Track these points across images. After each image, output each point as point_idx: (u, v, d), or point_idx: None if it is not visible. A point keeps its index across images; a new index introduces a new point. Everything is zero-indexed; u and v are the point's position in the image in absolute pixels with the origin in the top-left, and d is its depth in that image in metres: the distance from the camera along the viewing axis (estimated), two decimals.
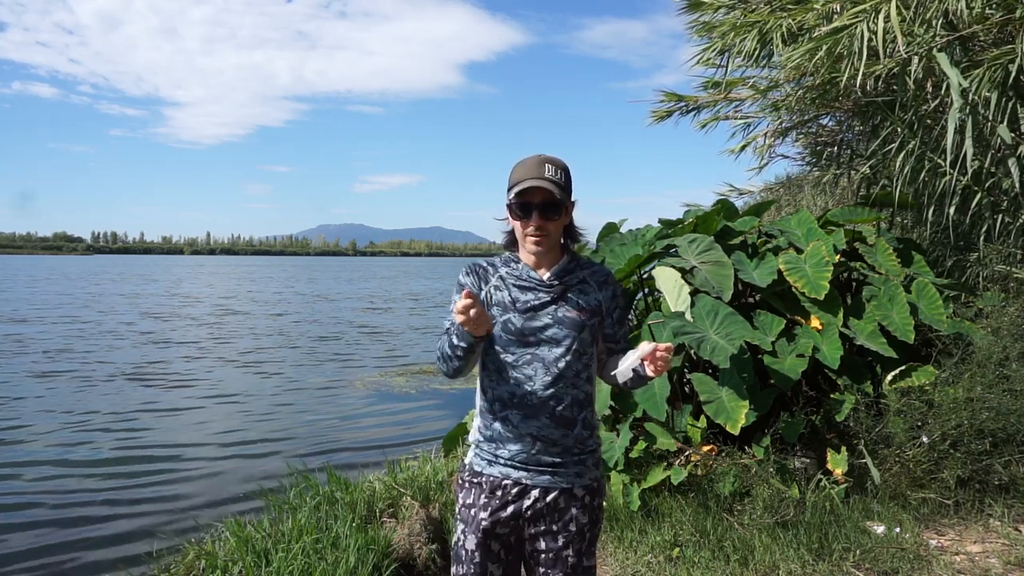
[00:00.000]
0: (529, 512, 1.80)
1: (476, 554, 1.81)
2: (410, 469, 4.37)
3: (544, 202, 1.74)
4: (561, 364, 1.78)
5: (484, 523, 1.80)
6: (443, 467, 4.44)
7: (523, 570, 1.94)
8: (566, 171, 1.79)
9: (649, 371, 1.72)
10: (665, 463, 3.94)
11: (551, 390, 1.77)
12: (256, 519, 3.61)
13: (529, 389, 1.78)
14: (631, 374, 1.77)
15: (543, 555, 1.82)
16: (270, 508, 3.75)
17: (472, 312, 1.60)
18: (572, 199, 1.83)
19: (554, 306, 1.80)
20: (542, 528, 1.81)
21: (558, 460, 1.80)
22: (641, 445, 3.99)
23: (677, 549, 3.41)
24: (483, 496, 1.83)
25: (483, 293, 1.86)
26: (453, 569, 1.87)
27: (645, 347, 1.72)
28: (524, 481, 1.80)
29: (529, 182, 1.73)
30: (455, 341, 1.73)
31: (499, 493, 1.81)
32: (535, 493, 1.79)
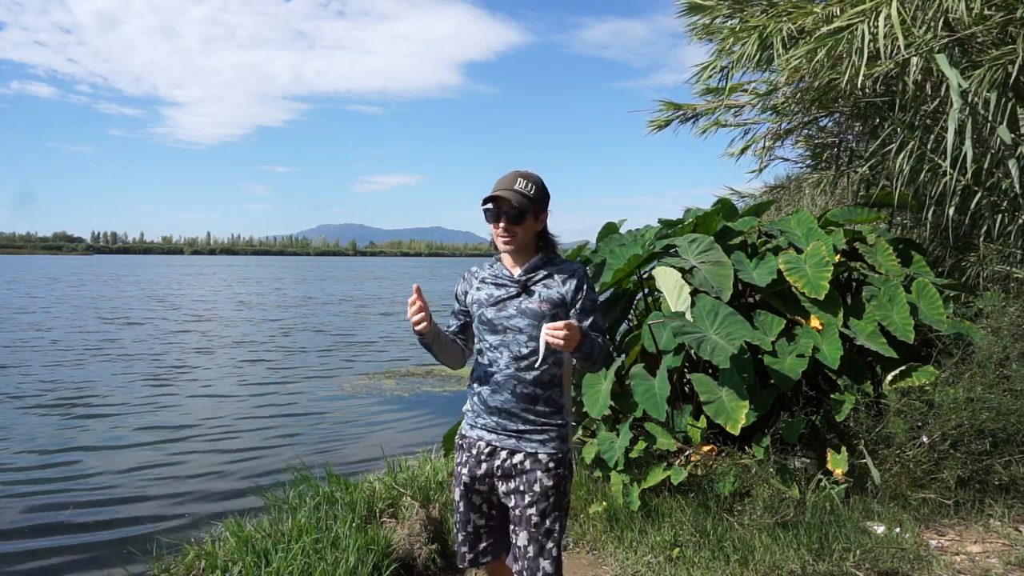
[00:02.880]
0: (499, 471, 2.10)
1: (460, 504, 2.18)
2: (410, 469, 4.36)
3: (509, 210, 2.04)
4: (524, 349, 2.07)
5: (464, 478, 2.16)
6: (443, 467, 4.43)
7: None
8: (539, 185, 2.09)
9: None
10: (665, 463, 3.94)
11: (511, 370, 2.07)
12: (256, 519, 3.60)
13: (496, 369, 2.10)
14: (545, 346, 1.95)
15: (513, 512, 2.10)
16: (270, 508, 3.74)
17: (412, 309, 1.98)
18: (546, 209, 2.12)
19: (519, 299, 2.10)
20: (512, 486, 2.08)
21: (522, 428, 2.09)
22: (641, 445, 3.99)
23: (677, 549, 3.41)
24: (464, 455, 2.18)
25: (468, 296, 2.21)
26: (453, 518, 2.24)
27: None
28: (494, 443, 2.12)
29: (496, 192, 2.04)
30: None
31: (474, 452, 2.15)
32: (503, 454, 2.10)
